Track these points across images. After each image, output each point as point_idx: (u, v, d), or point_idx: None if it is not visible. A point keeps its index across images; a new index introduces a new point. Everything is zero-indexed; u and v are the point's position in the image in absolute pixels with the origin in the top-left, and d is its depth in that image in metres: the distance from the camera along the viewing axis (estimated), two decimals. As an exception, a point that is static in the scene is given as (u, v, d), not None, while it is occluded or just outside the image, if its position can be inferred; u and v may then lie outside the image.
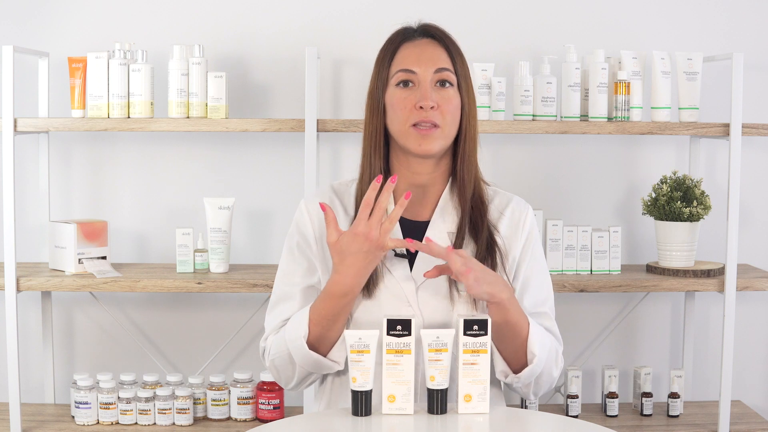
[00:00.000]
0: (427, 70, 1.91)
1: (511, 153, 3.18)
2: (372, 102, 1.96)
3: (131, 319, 3.18)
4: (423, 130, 1.89)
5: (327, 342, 1.89)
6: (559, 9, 3.15)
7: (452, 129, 1.93)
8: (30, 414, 2.98)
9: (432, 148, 1.90)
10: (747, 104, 3.02)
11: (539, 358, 1.87)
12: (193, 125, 2.84)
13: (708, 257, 3.16)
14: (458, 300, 1.89)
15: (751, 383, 3.29)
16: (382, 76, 1.95)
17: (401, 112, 1.90)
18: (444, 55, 1.94)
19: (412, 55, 1.93)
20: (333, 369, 1.91)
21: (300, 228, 1.99)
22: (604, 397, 3.06)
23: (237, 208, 3.07)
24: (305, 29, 3.11)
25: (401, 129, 1.91)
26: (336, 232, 1.83)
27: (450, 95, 1.92)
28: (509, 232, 1.97)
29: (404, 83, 1.92)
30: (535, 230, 2.00)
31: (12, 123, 2.78)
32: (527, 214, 2.00)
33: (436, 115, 1.89)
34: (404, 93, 1.91)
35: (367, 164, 1.96)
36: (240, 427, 2.92)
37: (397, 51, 1.95)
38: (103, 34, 3.07)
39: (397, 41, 1.96)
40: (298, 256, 1.97)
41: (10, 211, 2.79)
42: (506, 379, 1.91)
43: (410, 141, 1.90)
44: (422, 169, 1.95)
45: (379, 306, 1.89)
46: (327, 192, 2.02)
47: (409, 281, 1.91)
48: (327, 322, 1.86)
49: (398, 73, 1.92)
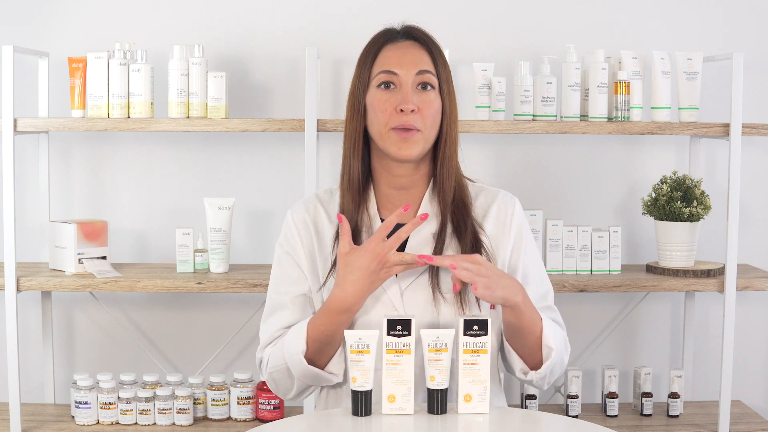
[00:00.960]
0: (408, 72, 1.90)
1: (511, 153, 3.18)
2: (353, 103, 1.95)
3: (131, 319, 3.18)
4: (403, 134, 1.87)
5: (325, 356, 1.89)
6: (559, 9, 3.15)
7: (432, 132, 1.91)
8: (30, 414, 2.98)
9: (412, 153, 1.89)
10: (747, 104, 3.02)
11: (556, 351, 1.88)
12: (193, 125, 2.84)
13: (708, 257, 3.16)
14: (443, 303, 1.89)
15: (751, 383, 3.29)
16: (364, 77, 1.93)
17: (381, 114, 1.89)
18: (426, 57, 1.92)
19: (394, 57, 1.91)
20: (331, 381, 1.91)
21: (288, 238, 1.99)
22: (604, 397, 3.06)
23: (237, 208, 3.07)
24: (305, 29, 3.11)
25: (381, 131, 1.90)
26: (349, 244, 1.83)
27: (431, 98, 1.91)
28: (497, 231, 1.96)
29: (385, 85, 1.91)
30: (524, 224, 1.99)
31: (12, 123, 2.78)
32: (514, 210, 1.98)
33: (416, 118, 1.88)
34: (385, 95, 1.90)
35: (347, 166, 1.95)
36: (240, 427, 2.92)
37: (379, 52, 1.93)
38: (103, 34, 3.07)
39: (379, 42, 1.94)
40: (288, 266, 1.97)
41: (10, 211, 2.79)
42: (527, 377, 1.91)
43: (390, 145, 1.89)
44: (402, 172, 1.94)
45: (364, 310, 1.88)
46: (312, 201, 2.01)
47: (394, 285, 1.90)
48: (325, 337, 1.86)
49: (380, 75, 1.91)
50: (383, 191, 1.97)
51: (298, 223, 1.98)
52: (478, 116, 2.89)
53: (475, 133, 2.91)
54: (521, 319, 1.85)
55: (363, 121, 1.94)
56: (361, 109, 1.93)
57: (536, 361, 1.90)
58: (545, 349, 1.88)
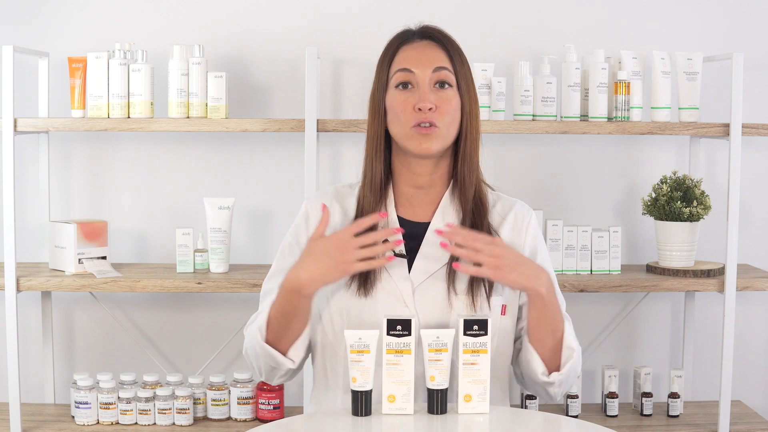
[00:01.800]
0: (425, 70, 1.91)
1: (511, 153, 3.18)
2: (373, 105, 1.97)
3: (131, 319, 3.18)
4: (422, 129, 1.89)
5: (284, 339, 1.91)
6: (559, 9, 3.15)
7: (451, 129, 1.92)
8: (30, 414, 2.98)
9: (431, 148, 1.90)
10: (747, 104, 3.02)
11: (578, 351, 1.90)
12: (193, 125, 2.84)
13: (708, 257, 3.16)
14: (456, 301, 1.89)
15: (751, 383, 3.29)
16: (382, 79, 1.95)
17: (401, 114, 1.91)
18: (442, 55, 1.93)
19: (411, 57, 1.93)
20: (285, 366, 1.92)
21: (297, 229, 2.01)
22: (604, 397, 3.06)
23: (237, 208, 3.07)
24: (305, 29, 3.11)
25: (402, 131, 1.91)
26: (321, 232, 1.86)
27: (449, 96, 1.92)
28: (512, 238, 1.97)
29: (403, 85, 1.92)
30: (539, 235, 2.01)
31: (12, 123, 2.78)
32: (530, 220, 2.00)
33: (434, 116, 1.89)
34: (403, 95, 1.92)
35: (369, 167, 1.97)
36: (240, 427, 2.92)
37: (396, 53, 1.95)
38: (103, 34, 3.07)
39: (396, 44, 1.96)
40: (286, 256, 1.99)
41: (10, 211, 2.79)
42: (549, 378, 1.90)
43: (411, 142, 1.90)
44: (422, 170, 1.95)
45: (375, 306, 1.89)
46: (328, 193, 2.03)
47: (406, 281, 1.91)
48: (283, 318, 1.87)
49: (397, 74, 1.92)
50: (403, 190, 1.98)
51: (310, 214, 2.00)
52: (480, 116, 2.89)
53: (475, 133, 2.91)
54: (544, 312, 1.85)
55: (384, 123, 1.95)
56: (381, 111, 1.95)
57: (555, 364, 1.90)
58: (567, 351, 1.89)
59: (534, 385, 1.95)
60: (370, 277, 1.90)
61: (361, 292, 1.90)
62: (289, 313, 1.87)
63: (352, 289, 1.91)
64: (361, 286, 1.90)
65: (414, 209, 1.97)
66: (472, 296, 1.89)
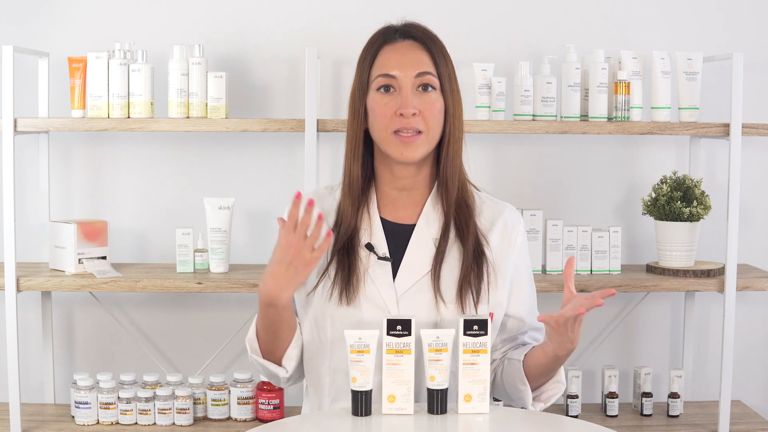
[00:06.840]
0: (407, 74, 1.87)
1: (511, 153, 3.18)
2: (353, 106, 1.93)
3: (131, 319, 3.18)
4: (405, 138, 1.86)
5: (275, 349, 1.90)
6: (559, 9, 3.15)
7: (436, 133, 1.89)
8: (30, 414, 2.98)
9: (414, 156, 1.87)
10: (747, 104, 3.02)
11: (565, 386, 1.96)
12: (193, 125, 2.84)
13: (708, 257, 3.16)
14: (444, 309, 1.88)
15: (751, 383, 3.29)
16: (363, 79, 1.91)
17: (382, 118, 1.87)
18: (426, 57, 1.89)
19: (393, 59, 1.88)
20: (278, 375, 1.92)
21: None
22: (604, 397, 3.06)
23: (237, 208, 3.07)
24: (305, 29, 3.11)
25: (382, 136, 1.88)
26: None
27: (432, 99, 1.88)
28: (501, 243, 1.95)
29: (385, 88, 1.88)
30: (525, 247, 2.00)
31: (12, 123, 2.78)
32: (519, 230, 1.98)
33: (418, 121, 1.86)
34: (385, 98, 1.88)
35: (348, 169, 1.94)
36: (240, 427, 2.92)
37: (377, 54, 1.90)
38: (103, 34, 3.07)
39: (377, 44, 1.91)
40: None
41: (10, 211, 2.79)
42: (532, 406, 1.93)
43: (391, 148, 1.87)
44: (405, 173, 1.92)
45: (359, 314, 1.87)
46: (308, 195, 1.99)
47: (390, 289, 1.88)
48: (269, 329, 1.87)
49: (378, 78, 1.88)
50: (386, 192, 1.95)
51: None
52: (478, 116, 2.89)
53: (475, 133, 2.91)
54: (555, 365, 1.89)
55: (363, 124, 1.92)
56: (361, 112, 1.91)
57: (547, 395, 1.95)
58: (556, 385, 1.93)
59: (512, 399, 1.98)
60: (354, 284, 1.87)
61: (343, 300, 1.87)
62: (272, 324, 1.86)
63: (334, 297, 1.88)
64: (344, 294, 1.87)
65: (397, 211, 1.95)
66: (462, 304, 1.87)
